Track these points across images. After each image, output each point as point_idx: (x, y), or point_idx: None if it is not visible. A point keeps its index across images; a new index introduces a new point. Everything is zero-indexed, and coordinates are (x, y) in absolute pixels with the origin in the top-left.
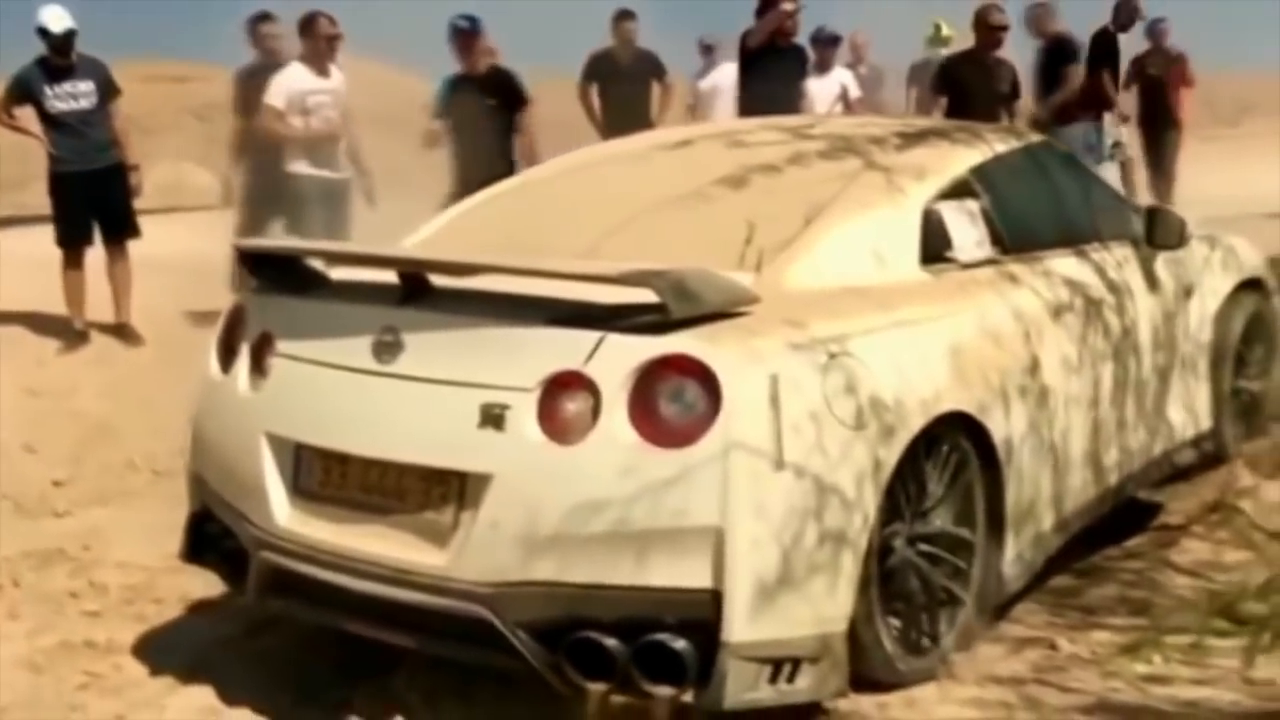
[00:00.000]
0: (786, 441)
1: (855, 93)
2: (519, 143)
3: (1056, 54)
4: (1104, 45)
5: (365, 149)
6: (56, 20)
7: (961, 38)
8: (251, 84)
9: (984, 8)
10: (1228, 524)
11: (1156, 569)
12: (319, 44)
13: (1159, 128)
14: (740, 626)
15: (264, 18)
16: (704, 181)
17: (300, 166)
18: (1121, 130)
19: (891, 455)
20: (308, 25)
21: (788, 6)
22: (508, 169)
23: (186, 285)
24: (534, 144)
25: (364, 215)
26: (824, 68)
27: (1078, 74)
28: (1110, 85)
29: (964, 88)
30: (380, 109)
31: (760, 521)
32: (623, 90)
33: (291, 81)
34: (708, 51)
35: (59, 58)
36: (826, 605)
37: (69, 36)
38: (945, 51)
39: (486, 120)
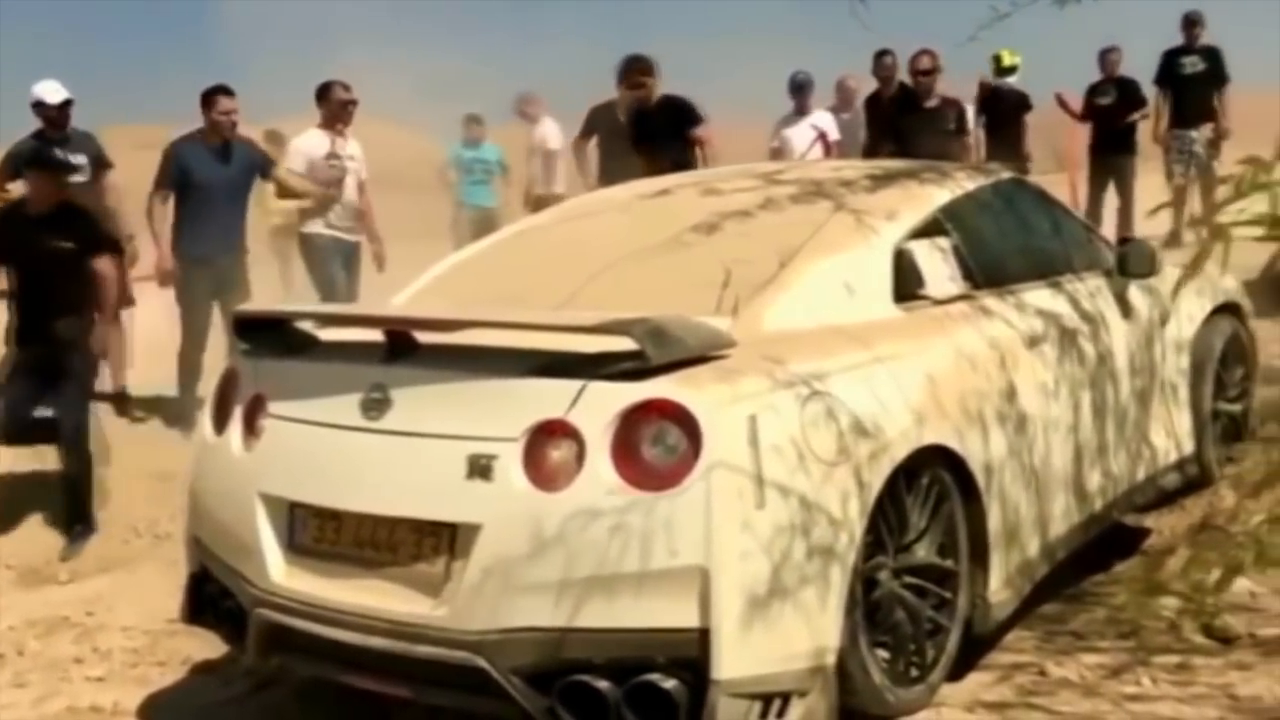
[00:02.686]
0: (768, 480)
1: (834, 135)
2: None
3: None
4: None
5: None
6: (53, 92)
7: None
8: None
9: (913, 54)
10: (1213, 545)
11: (1144, 592)
12: (335, 109)
13: (1115, 155)
14: (729, 664)
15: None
16: (681, 229)
17: (316, 227)
18: None
19: (872, 489)
20: (324, 92)
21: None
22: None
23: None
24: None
25: (374, 277)
26: (800, 112)
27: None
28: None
29: (905, 133)
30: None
31: (745, 560)
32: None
33: (310, 147)
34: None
35: (55, 130)
36: (813, 639)
37: (65, 107)
38: (1013, 80)
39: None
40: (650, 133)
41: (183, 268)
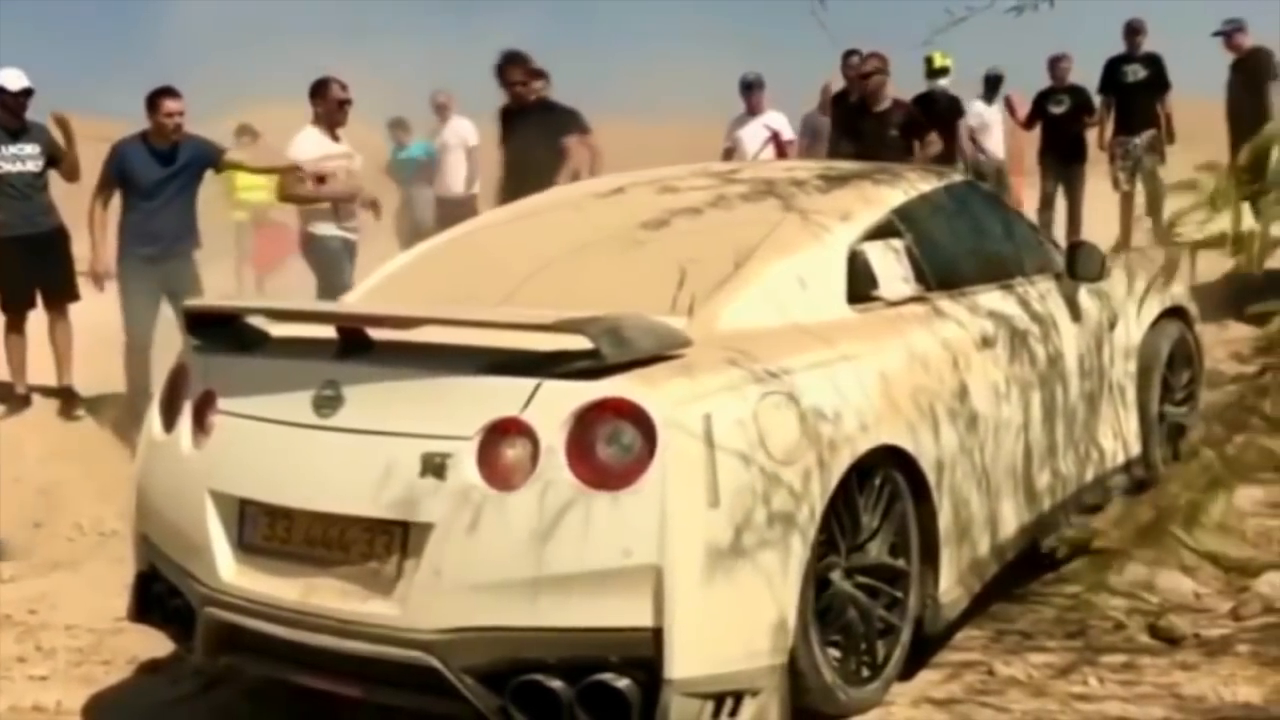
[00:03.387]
0: (722, 479)
1: (787, 135)
2: None
3: None
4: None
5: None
6: (14, 79)
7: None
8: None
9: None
10: (1159, 545)
11: (1091, 592)
12: (331, 107)
13: (1067, 163)
14: (681, 663)
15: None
16: (636, 227)
17: (327, 229)
18: None
19: (825, 489)
20: (320, 90)
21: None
22: None
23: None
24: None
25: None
26: (751, 111)
27: None
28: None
29: (854, 137)
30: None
31: (698, 559)
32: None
33: (309, 145)
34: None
35: (11, 118)
36: (766, 639)
37: (23, 96)
38: (944, 82)
39: None
40: (520, 134)
41: (128, 266)
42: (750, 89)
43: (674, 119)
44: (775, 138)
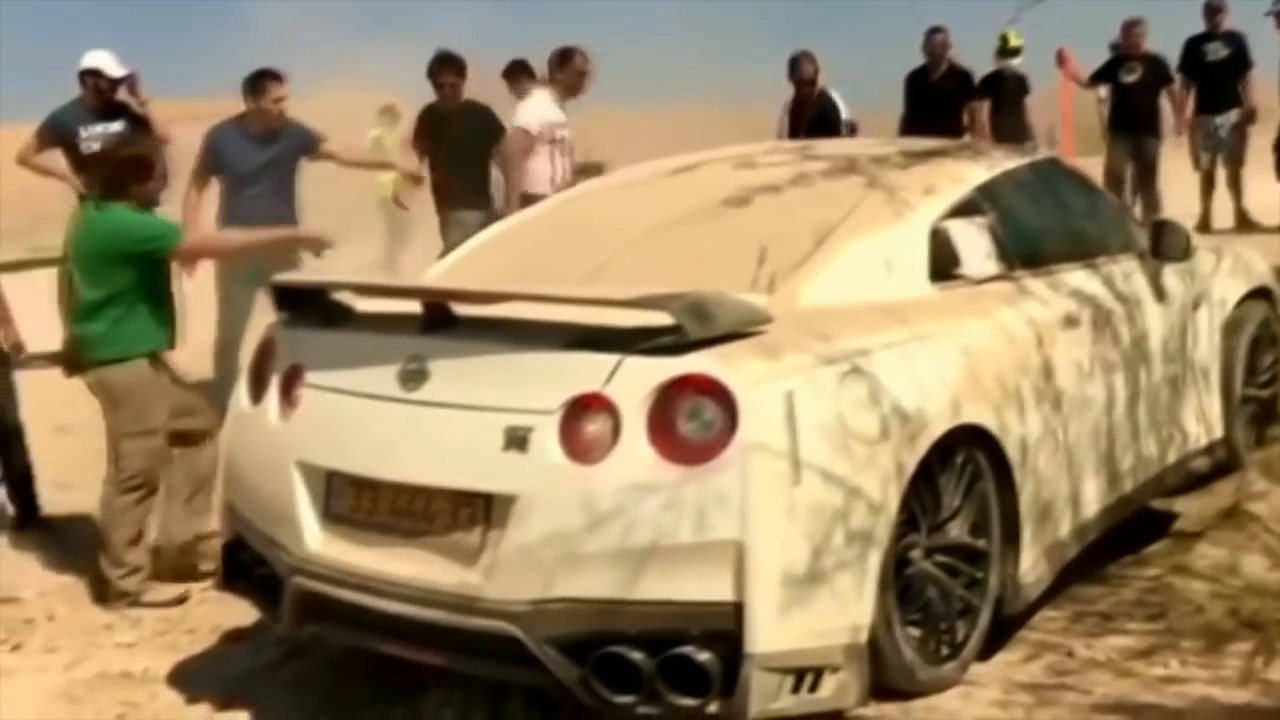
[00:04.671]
0: (803, 456)
1: (846, 115)
2: None
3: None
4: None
5: None
6: (114, 66)
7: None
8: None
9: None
10: (1241, 529)
11: (1172, 575)
12: (572, 78)
13: (1140, 136)
14: (763, 638)
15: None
16: (717, 204)
17: (546, 188)
18: None
19: (907, 467)
20: (565, 58)
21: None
22: None
23: (213, 321)
24: None
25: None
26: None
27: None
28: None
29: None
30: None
31: (779, 535)
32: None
33: (543, 111)
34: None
35: (102, 101)
36: (846, 616)
37: (122, 81)
38: (1015, 62)
39: None
40: (446, 135)
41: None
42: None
43: (663, 105)
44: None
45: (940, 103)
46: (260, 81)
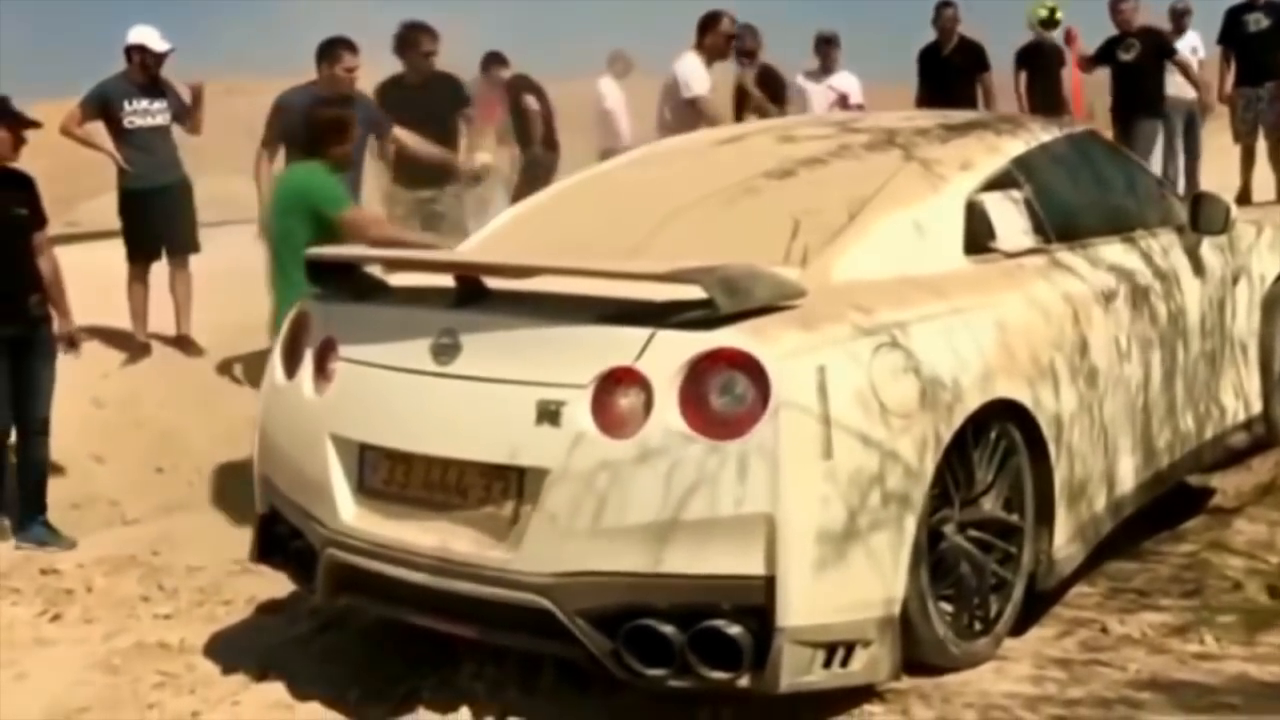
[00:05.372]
0: (836, 430)
1: (855, 99)
2: None
3: None
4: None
5: None
6: (159, 41)
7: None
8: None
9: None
10: (1279, 505)
11: (1208, 551)
12: (719, 41)
13: (1138, 117)
14: (794, 612)
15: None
16: (751, 177)
17: None
18: None
19: (941, 442)
20: (712, 22)
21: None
22: None
23: (242, 297)
24: None
25: None
26: (826, 69)
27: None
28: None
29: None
30: None
31: (811, 509)
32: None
33: (698, 71)
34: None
35: (147, 76)
36: (878, 590)
37: (166, 56)
38: (1054, 34)
39: None
40: (419, 105)
41: None
42: (825, 44)
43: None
44: (843, 101)
45: (953, 77)
46: (334, 49)
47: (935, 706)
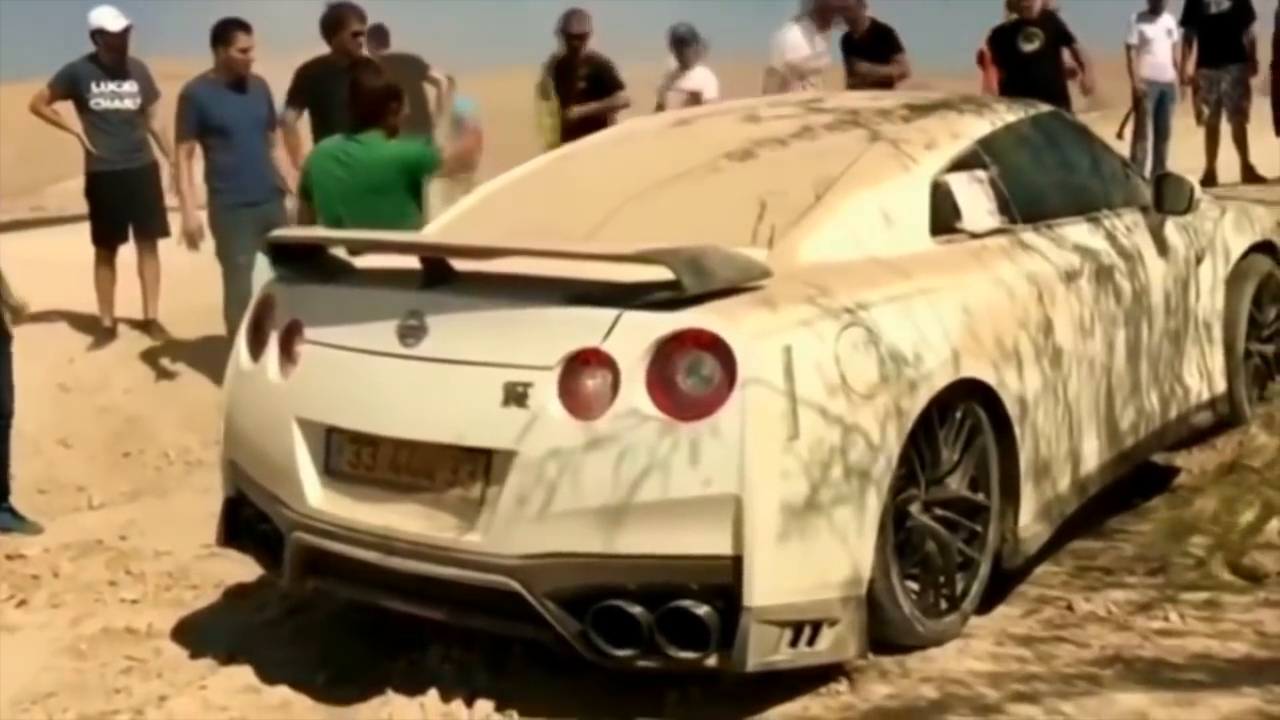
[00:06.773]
0: (802, 411)
1: (710, 95)
2: None
3: None
4: None
5: None
6: (115, 19)
7: None
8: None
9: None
10: (1242, 483)
11: (1173, 529)
12: (827, 13)
13: None
14: (761, 591)
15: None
16: (718, 158)
17: None
18: None
19: (905, 422)
20: None
21: None
22: None
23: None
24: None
25: None
26: (684, 67)
27: None
28: None
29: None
30: None
31: (778, 489)
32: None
33: (799, 44)
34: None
35: (113, 57)
36: (844, 569)
37: (126, 33)
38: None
39: None
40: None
41: (225, 216)
42: (680, 44)
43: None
44: (695, 100)
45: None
46: (228, 31)
47: (894, 683)
